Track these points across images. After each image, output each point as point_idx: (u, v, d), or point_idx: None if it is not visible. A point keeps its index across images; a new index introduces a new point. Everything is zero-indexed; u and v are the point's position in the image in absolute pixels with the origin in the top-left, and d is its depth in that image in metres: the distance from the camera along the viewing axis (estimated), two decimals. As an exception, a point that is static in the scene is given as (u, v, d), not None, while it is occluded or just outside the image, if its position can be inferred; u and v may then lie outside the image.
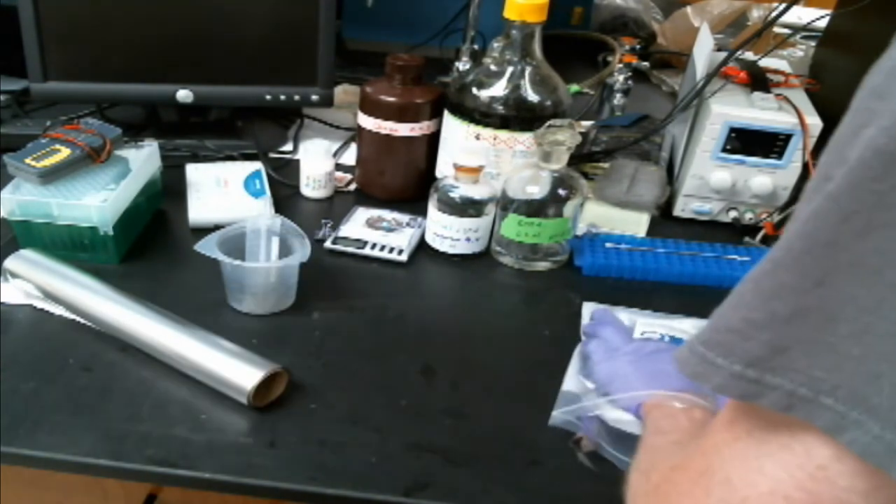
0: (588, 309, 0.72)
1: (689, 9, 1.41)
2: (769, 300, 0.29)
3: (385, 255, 0.79)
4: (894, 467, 0.26)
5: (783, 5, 0.84)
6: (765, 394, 0.29)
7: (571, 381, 0.62)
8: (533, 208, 0.76)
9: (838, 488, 0.27)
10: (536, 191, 0.76)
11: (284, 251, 0.72)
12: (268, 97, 0.94)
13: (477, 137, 0.82)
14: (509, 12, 0.78)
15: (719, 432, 0.33)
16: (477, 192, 0.78)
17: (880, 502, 0.27)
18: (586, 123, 1.04)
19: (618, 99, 1.13)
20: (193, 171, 0.87)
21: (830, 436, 0.27)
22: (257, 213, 0.80)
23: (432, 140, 0.88)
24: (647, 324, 0.69)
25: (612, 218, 0.86)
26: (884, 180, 0.26)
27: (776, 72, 0.94)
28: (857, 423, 0.26)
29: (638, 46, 1.22)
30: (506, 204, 0.78)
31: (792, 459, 0.29)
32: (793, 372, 0.28)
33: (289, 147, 1.02)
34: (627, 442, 0.54)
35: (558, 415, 0.59)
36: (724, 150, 0.85)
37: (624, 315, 0.71)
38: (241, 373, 0.58)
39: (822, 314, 0.27)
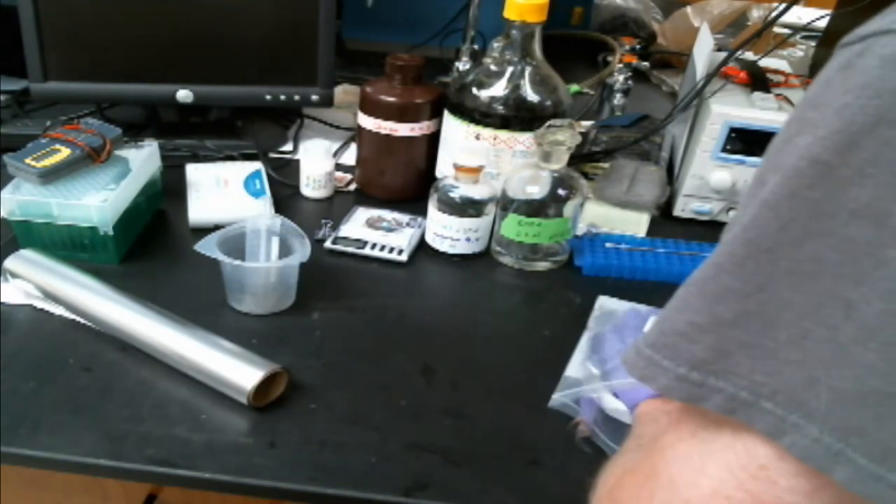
0: (602, 302, 0.72)
1: (689, 9, 1.41)
2: (713, 304, 0.29)
3: (385, 255, 0.79)
4: (834, 469, 0.26)
5: (783, 5, 0.84)
6: (708, 396, 0.29)
7: (575, 367, 0.63)
8: (533, 208, 0.76)
9: (779, 488, 0.28)
10: (536, 191, 0.76)
11: (284, 251, 0.72)
12: (268, 97, 0.94)
13: (477, 137, 0.82)
14: (509, 12, 0.78)
15: (666, 434, 0.33)
16: (477, 192, 0.78)
17: (823, 502, 0.27)
18: (586, 123, 1.04)
19: (618, 99, 1.13)
20: (193, 171, 0.87)
21: (770, 439, 0.28)
22: (257, 213, 0.80)
23: (432, 140, 0.88)
24: None
25: (612, 218, 0.86)
26: (818, 189, 0.26)
27: (776, 72, 0.94)
28: (795, 426, 0.27)
29: (638, 46, 1.22)
30: (506, 204, 0.78)
31: (734, 460, 0.29)
32: (735, 376, 0.29)
33: (289, 147, 1.02)
34: (622, 432, 0.54)
35: (558, 397, 0.59)
36: (724, 150, 0.85)
37: (642, 308, 0.71)
38: (241, 373, 0.58)
39: (763, 319, 0.28)
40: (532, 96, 0.80)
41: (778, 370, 0.28)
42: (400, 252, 0.79)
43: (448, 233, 0.79)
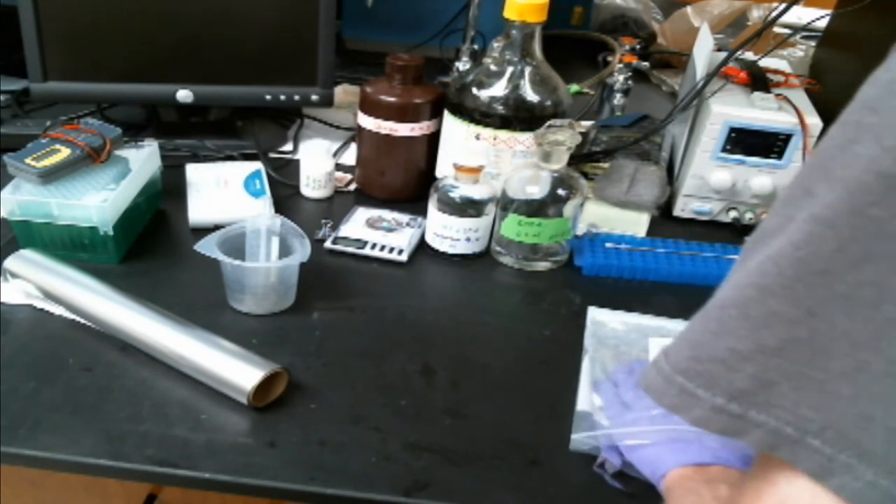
0: (593, 314, 0.71)
1: (689, 9, 1.41)
2: (757, 329, 0.27)
3: (385, 255, 0.79)
4: None
5: (783, 5, 0.84)
6: (748, 430, 0.27)
7: (584, 399, 0.60)
8: (533, 208, 0.76)
9: None
10: (536, 191, 0.76)
11: (284, 251, 0.72)
12: (268, 97, 0.94)
13: (477, 137, 0.82)
14: (509, 12, 0.78)
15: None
16: (477, 192, 0.78)
17: None
18: (586, 123, 1.04)
19: (618, 99, 1.13)
20: (193, 171, 0.87)
21: (817, 479, 0.25)
22: (257, 213, 0.79)
23: (432, 140, 0.88)
24: (662, 347, 0.66)
25: (612, 218, 0.86)
26: (885, 207, 0.24)
27: (776, 72, 0.94)
28: (846, 467, 0.25)
29: (638, 46, 1.22)
30: (506, 204, 0.78)
31: (776, 500, 0.27)
32: (779, 409, 0.26)
33: (289, 147, 1.02)
34: None
35: (578, 439, 0.56)
36: (724, 150, 0.85)
37: (631, 320, 0.71)
38: (241, 373, 0.58)
39: (813, 348, 0.26)
40: (532, 96, 0.80)
41: (828, 404, 0.25)
42: (400, 252, 0.79)
43: (448, 233, 0.79)
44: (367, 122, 0.86)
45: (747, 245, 0.31)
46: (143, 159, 0.79)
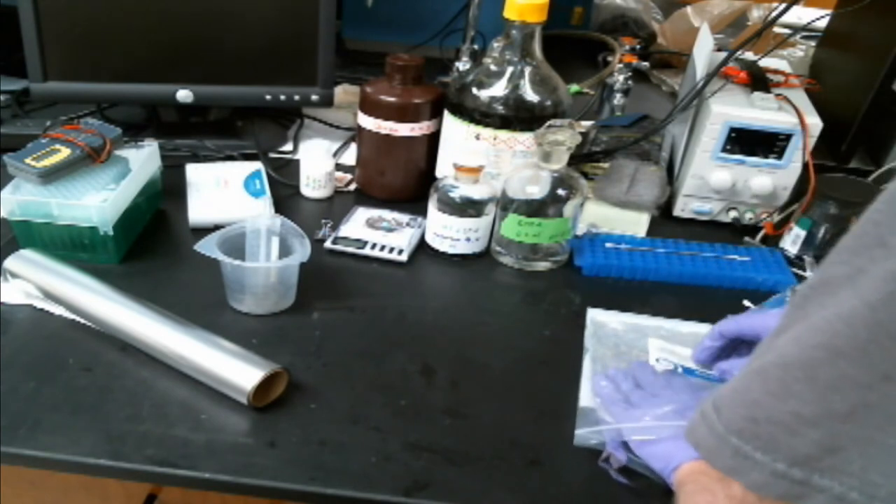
0: (593, 315, 0.71)
1: (689, 9, 1.41)
2: (825, 393, 0.26)
3: (385, 255, 0.79)
4: None
5: (783, 5, 0.84)
6: (810, 496, 0.26)
7: (587, 395, 0.61)
8: (533, 208, 0.76)
9: None
10: (536, 191, 0.76)
11: (284, 251, 0.72)
12: (268, 97, 0.94)
13: (477, 137, 0.82)
14: (509, 12, 0.78)
15: None
16: (477, 192, 0.78)
17: None
18: (586, 123, 1.04)
19: (618, 99, 1.13)
20: (193, 171, 0.87)
21: None
22: (257, 213, 0.79)
23: (432, 140, 0.88)
24: (660, 348, 0.66)
25: (612, 218, 0.86)
26: None
27: (776, 72, 0.94)
28: None
29: (638, 46, 1.22)
30: (506, 204, 0.78)
31: None
32: (844, 474, 0.25)
33: (289, 147, 1.02)
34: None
35: (583, 434, 0.56)
36: (724, 150, 0.85)
37: (631, 320, 0.71)
38: (241, 373, 0.58)
39: (886, 413, 0.25)
40: (532, 96, 0.80)
41: None
42: (400, 252, 0.79)
43: (448, 233, 0.79)
44: (367, 122, 0.86)
45: (803, 291, 0.29)
46: (143, 159, 0.79)
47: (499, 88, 0.80)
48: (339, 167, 0.94)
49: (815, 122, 0.83)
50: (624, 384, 0.58)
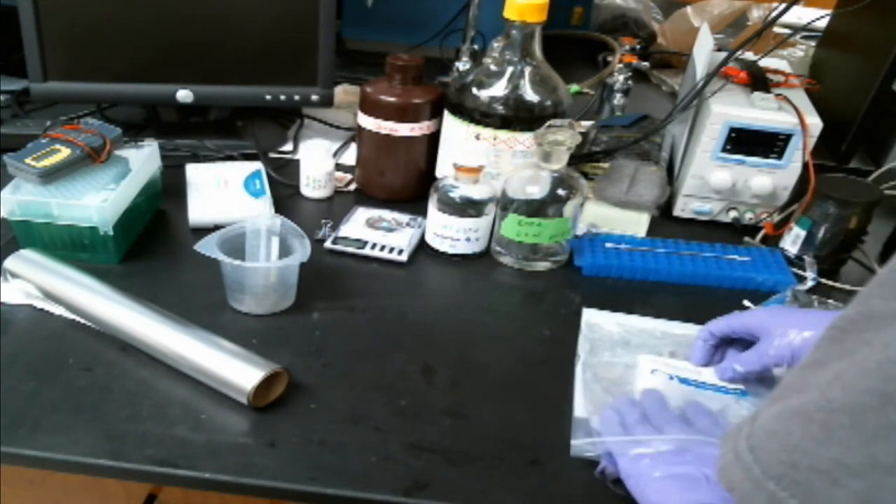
0: (588, 316, 0.71)
1: (689, 9, 1.41)
2: (871, 442, 0.24)
3: (385, 255, 0.79)
4: None
5: (783, 5, 0.84)
6: None
7: (581, 405, 0.60)
8: (533, 208, 0.76)
9: None
10: (536, 191, 0.76)
11: (284, 251, 0.72)
12: (268, 97, 0.95)
13: (477, 137, 0.82)
14: (509, 12, 0.78)
15: None
16: (477, 192, 0.78)
17: None
18: (586, 123, 1.04)
19: (618, 99, 1.13)
20: (193, 171, 0.87)
21: None
22: (257, 213, 0.80)
23: (432, 140, 0.88)
24: (651, 361, 0.65)
25: (612, 218, 0.86)
26: None
27: (776, 72, 0.94)
28: None
29: (638, 46, 1.22)
30: (506, 204, 0.78)
31: None
32: None
33: (289, 147, 1.02)
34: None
35: (579, 445, 0.56)
36: (724, 150, 0.85)
37: (621, 320, 0.71)
38: (241, 373, 0.58)
39: None
40: (532, 96, 0.80)
41: None
42: (400, 252, 0.79)
43: (448, 233, 0.79)
44: (367, 122, 0.86)
45: (841, 324, 0.27)
46: (143, 159, 0.79)
47: (499, 88, 0.80)
48: (339, 167, 0.94)
49: (815, 122, 0.83)
50: (630, 416, 0.55)
